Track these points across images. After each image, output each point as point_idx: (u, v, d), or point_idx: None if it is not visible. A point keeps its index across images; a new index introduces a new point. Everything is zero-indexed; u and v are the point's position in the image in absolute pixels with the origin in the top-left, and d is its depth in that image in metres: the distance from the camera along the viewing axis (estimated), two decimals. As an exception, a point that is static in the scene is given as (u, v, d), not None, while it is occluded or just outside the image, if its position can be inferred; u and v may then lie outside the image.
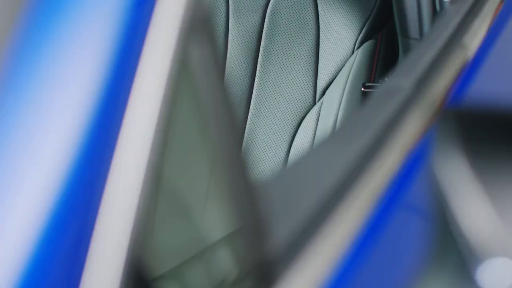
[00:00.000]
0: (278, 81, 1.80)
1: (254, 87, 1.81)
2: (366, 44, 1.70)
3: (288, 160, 1.77)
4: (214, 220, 0.67)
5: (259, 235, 0.67)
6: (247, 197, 0.69)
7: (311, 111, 1.77)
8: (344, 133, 0.90)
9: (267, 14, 1.80)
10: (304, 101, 1.77)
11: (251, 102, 1.81)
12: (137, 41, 0.64)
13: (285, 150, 1.78)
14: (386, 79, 1.16)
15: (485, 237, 0.52)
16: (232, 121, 0.69)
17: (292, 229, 0.74)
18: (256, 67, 1.81)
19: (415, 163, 0.78)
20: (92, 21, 0.64)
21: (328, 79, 1.75)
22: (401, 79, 1.04)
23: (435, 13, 1.41)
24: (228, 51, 1.82)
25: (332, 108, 1.71)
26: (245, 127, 1.82)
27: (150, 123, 0.62)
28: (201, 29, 0.68)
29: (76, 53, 0.63)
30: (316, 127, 1.75)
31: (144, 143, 0.61)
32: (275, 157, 1.79)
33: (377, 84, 1.67)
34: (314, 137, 1.75)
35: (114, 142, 0.60)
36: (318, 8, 1.76)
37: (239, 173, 0.69)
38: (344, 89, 1.69)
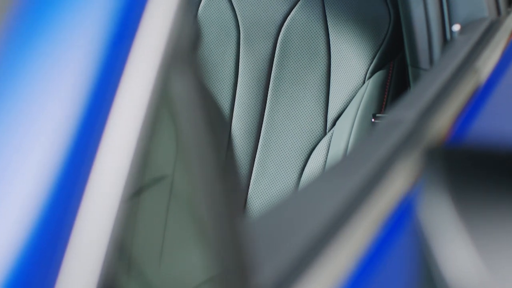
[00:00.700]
0: (288, 110, 1.77)
1: (265, 116, 1.79)
2: (377, 74, 1.68)
3: (298, 191, 1.74)
4: (195, 262, 0.65)
5: (244, 278, 0.64)
6: (231, 238, 0.67)
7: (322, 141, 1.74)
8: (340, 167, 0.87)
9: (278, 43, 1.78)
10: (315, 131, 1.74)
11: (262, 131, 1.79)
12: (116, 72, 0.62)
13: (295, 180, 1.75)
14: (389, 111, 1.13)
15: (468, 284, 0.49)
16: (216, 155, 0.67)
17: (282, 269, 0.71)
18: (267, 96, 1.79)
19: (410, 203, 0.75)
20: (71, 49, 0.62)
21: (339, 110, 1.72)
22: (405, 111, 1.01)
23: (445, 43, 1.38)
24: (238, 79, 1.81)
25: (342, 139, 1.68)
26: (255, 156, 1.80)
27: (126, 155, 0.60)
28: (184, 61, 0.66)
29: (53, 83, 0.61)
30: (326, 158, 1.72)
31: (118, 176, 0.59)
32: (285, 187, 1.76)
33: (388, 115, 1.64)
34: (324, 168, 1.72)
35: (87, 174, 0.58)
36: (330, 37, 1.73)
37: (223, 211, 0.66)
38: (354, 119, 1.66)
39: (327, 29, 1.74)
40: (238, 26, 1.80)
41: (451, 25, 1.38)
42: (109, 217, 0.58)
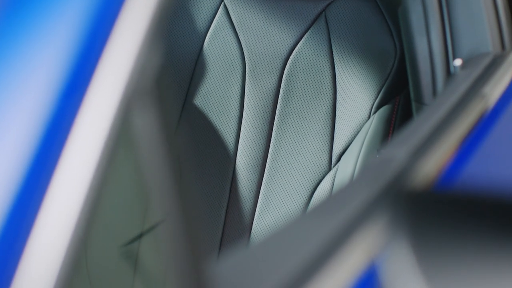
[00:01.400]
0: (293, 145, 1.74)
1: (270, 150, 1.76)
2: (383, 109, 1.64)
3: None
4: None
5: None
6: (194, 280, 0.64)
7: (326, 177, 1.71)
8: (323, 208, 0.84)
9: (283, 76, 1.76)
10: (320, 166, 1.71)
11: (266, 166, 1.76)
12: (74, 106, 0.60)
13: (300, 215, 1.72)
14: (380, 149, 1.10)
15: None
16: (180, 193, 0.64)
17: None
18: (272, 130, 1.77)
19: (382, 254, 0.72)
20: (31, 82, 0.61)
21: (344, 145, 1.69)
22: (397, 148, 0.98)
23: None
24: (244, 113, 1.78)
25: (347, 174, 1.64)
26: (259, 190, 1.77)
27: (80, 192, 0.58)
28: (147, 96, 0.64)
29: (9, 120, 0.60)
30: (331, 193, 1.68)
31: (71, 212, 0.57)
32: (289, 224, 1.72)
33: (393, 150, 1.60)
34: (329, 204, 1.68)
35: (36, 211, 0.56)
36: (336, 71, 1.71)
37: (186, 251, 0.63)
38: (359, 155, 1.62)
39: (333, 63, 1.71)
40: (244, 59, 1.78)
41: (455, 57, 1.35)
42: (57, 263, 0.55)
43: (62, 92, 0.59)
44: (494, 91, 1.15)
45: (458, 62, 1.31)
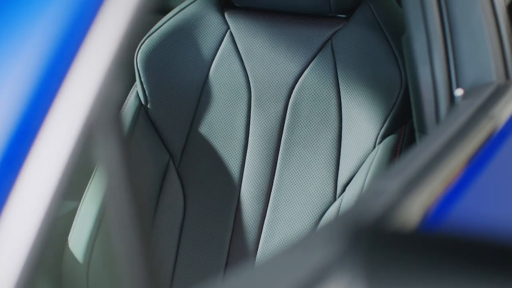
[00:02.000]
0: (298, 175, 1.72)
1: (274, 180, 1.74)
2: (388, 139, 1.61)
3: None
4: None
5: None
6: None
7: (331, 207, 1.68)
8: (309, 241, 0.81)
9: (289, 105, 1.73)
10: (325, 196, 1.68)
11: (271, 195, 1.74)
12: (31, 136, 0.59)
13: (304, 247, 1.69)
14: (373, 180, 1.07)
15: None
16: (138, 226, 0.62)
17: None
18: (277, 159, 1.74)
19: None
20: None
21: (349, 175, 1.66)
22: (390, 180, 0.95)
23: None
24: (249, 142, 1.76)
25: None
26: (264, 219, 1.74)
27: (32, 223, 0.56)
28: (108, 128, 0.62)
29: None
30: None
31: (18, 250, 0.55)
32: (294, 255, 1.69)
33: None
34: (333, 235, 1.64)
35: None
36: (341, 100, 1.68)
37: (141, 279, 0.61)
38: (363, 185, 1.59)
39: (339, 92, 1.69)
40: (250, 87, 1.76)
41: (458, 87, 1.32)
42: None
43: (21, 121, 0.57)
44: (496, 121, 1.12)
45: (459, 92, 1.28)
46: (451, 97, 1.32)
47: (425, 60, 1.35)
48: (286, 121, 1.74)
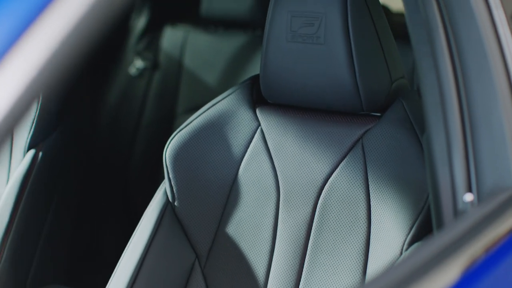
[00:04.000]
0: (324, 281, 1.61)
1: (300, 285, 1.64)
2: (415, 246, 1.50)
3: None
4: None
5: None
6: None
7: (356, 317, 1.56)
8: None
9: (317, 207, 1.65)
10: (350, 305, 1.57)
11: (296, 303, 1.64)
12: None
13: None
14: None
15: None
16: None
17: None
18: (303, 265, 1.65)
19: None
20: None
21: (374, 283, 1.54)
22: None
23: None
24: (276, 245, 1.67)
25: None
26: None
27: None
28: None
29: None
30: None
31: None
32: None
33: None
34: None
35: None
36: (371, 202, 1.58)
37: None
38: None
39: (369, 194, 1.59)
40: (278, 187, 1.68)
41: (478, 191, 1.21)
42: None
43: None
44: (501, 231, 1.00)
45: (468, 197, 1.17)
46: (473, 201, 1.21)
47: (445, 162, 1.25)
48: (314, 224, 1.65)
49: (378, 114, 1.66)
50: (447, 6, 1.28)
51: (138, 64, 3.21)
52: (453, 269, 0.90)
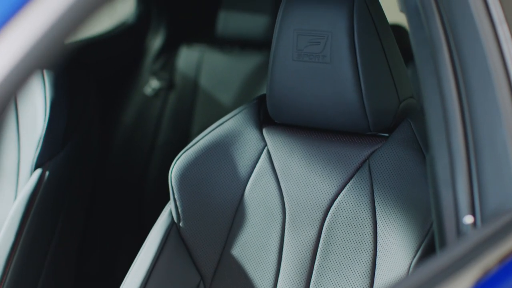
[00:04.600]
0: (330, 304, 1.58)
1: (305, 309, 1.61)
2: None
3: None
4: None
5: None
6: None
7: None
8: None
9: (323, 229, 1.61)
10: (355, 329, 1.54)
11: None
12: None
13: None
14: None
15: None
16: None
17: None
18: (309, 287, 1.61)
19: None
20: None
21: (380, 307, 1.51)
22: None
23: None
24: (281, 267, 1.64)
25: None
26: None
27: None
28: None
29: None
30: None
31: None
32: None
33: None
34: None
35: None
36: (377, 224, 1.55)
37: None
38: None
39: (375, 216, 1.56)
40: (284, 208, 1.66)
41: (482, 213, 1.18)
42: None
43: None
44: (498, 255, 0.97)
45: (468, 219, 1.14)
46: (474, 222, 1.18)
47: (448, 183, 1.22)
48: (319, 246, 1.62)
49: (386, 135, 1.62)
50: (451, 22, 1.25)
51: (154, 84, 3.21)
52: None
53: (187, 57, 3.21)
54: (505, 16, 1.24)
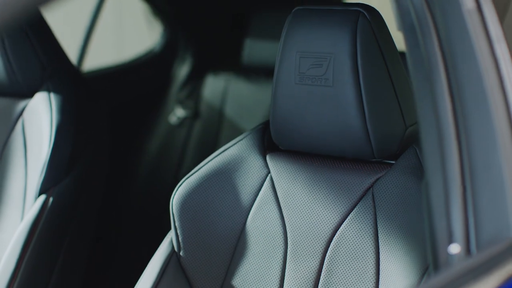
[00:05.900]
0: None
1: None
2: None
3: None
4: None
5: None
6: None
7: None
8: None
9: (325, 260, 1.54)
10: None
11: None
12: None
13: None
14: None
15: None
16: None
17: None
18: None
19: None
20: None
21: None
22: None
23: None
24: (281, 300, 1.57)
25: None
26: None
27: None
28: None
29: None
30: None
31: None
32: None
33: None
34: None
35: None
36: (380, 256, 1.47)
37: None
38: None
39: (378, 246, 1.48)
40: (286, 238, 1.59)
41: (477, 240, 1.09)
42: None
43: None
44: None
45: (455, 249, 1.05)
46: (468, 248, 1.10)
47: (442, 213, 1.14)
48: (321, 276, 1.54)
49: (392, 162, 1.55)
50: (448, 40, 1.18)
51: (179, 112, 3.17)
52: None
53: (213, 86, 3.17)
54: (504, 34, 1.16)
